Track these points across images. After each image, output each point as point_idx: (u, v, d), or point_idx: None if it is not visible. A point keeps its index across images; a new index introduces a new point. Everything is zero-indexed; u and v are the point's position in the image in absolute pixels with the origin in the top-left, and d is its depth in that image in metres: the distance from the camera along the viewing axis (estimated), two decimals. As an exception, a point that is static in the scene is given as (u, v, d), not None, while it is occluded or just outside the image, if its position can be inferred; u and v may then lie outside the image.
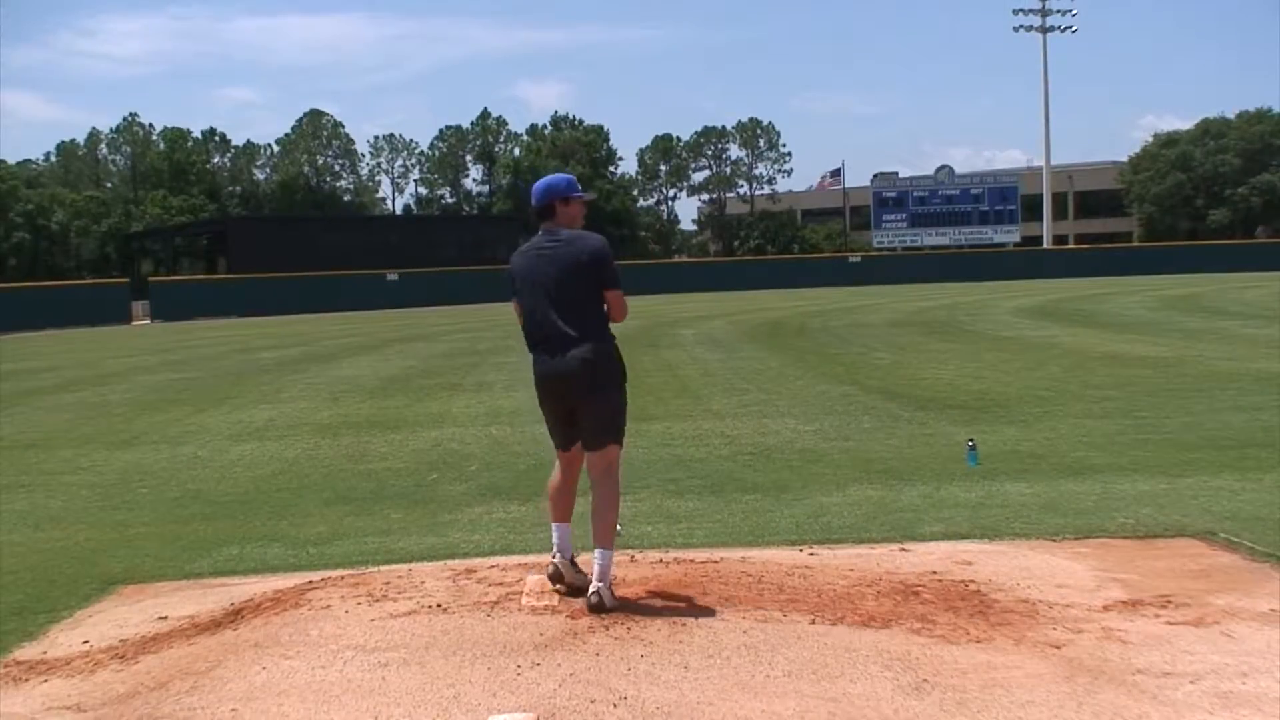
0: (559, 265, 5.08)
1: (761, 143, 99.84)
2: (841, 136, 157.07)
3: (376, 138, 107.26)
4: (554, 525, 5.36)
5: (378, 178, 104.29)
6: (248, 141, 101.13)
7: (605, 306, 5.15)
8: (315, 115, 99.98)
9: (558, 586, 5.22)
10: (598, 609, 4.87)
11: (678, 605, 4.99)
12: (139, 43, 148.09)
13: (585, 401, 5.10)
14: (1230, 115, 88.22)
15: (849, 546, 6.23)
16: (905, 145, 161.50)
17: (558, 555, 5.28)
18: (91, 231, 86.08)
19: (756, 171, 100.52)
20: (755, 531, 6.70)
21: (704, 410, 12.21)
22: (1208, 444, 9.08)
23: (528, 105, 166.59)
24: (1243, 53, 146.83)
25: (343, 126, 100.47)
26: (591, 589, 4.96)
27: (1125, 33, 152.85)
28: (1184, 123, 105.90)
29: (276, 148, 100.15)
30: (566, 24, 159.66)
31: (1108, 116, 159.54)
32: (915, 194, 73.36)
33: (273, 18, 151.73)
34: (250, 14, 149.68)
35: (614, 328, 5.19)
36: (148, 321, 47.37)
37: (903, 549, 6.09)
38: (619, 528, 6.60)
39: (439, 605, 5.07)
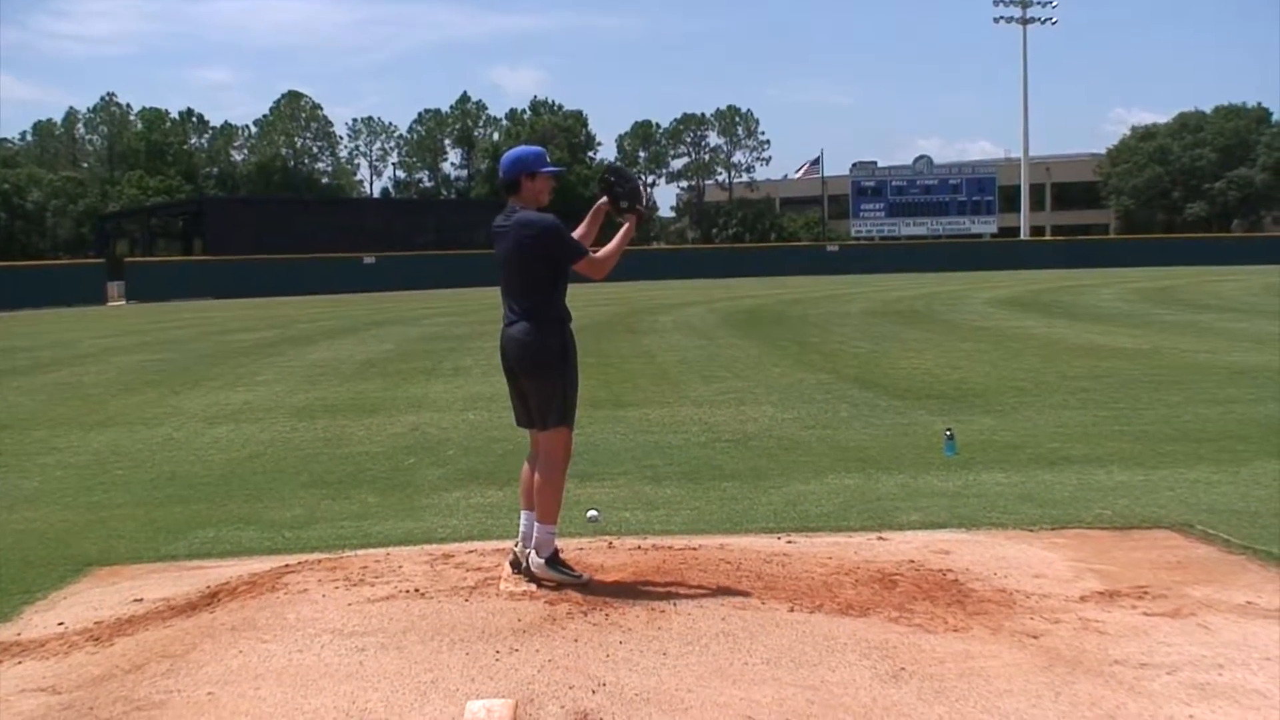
0: (506, 245, 5.17)
1: (740, 130, 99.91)
2: (820, 126, 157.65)
3: (355, 120, 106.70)
4: (521, 512, 5.38)
5: (356, 160, 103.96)
6: (225, 123, 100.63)
7: (554, 285, 5.17)
8: (293, 97, 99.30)
9: (519, 574, 5.22)
10: (514, 565, 5.18)
11: (656, 592, 4.99)
12: (113, 23, 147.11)
13: (526, 380, 5.19)
14: (1207, 110, 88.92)
15: (827, 535, 6.24)
16: (881, 135, 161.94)
17: (519, 544, 5.30)
18: (67, 211, 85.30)
19: (735, 159, 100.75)
20: (733, 519, 6.71)
21: (682, 397, 12.21)
22: (1184, 436, 9.14)
23: (505, 90, 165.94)
24: (1220, 48, 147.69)
25: (321, 109, 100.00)
26: (520, 549, 5.22)
27: (1102, 26, 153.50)
28: (1159, 116, 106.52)
29: (254, 129, 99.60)
30: (545, 9, 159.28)
31: (1083, 109, 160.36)
32: (894, 184, 73.49)
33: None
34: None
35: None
36: (123, 302, 46.95)
37: (880, 538, 6.11)
38: (593, 513, 6.62)
39: (417, 590, 5.05)
